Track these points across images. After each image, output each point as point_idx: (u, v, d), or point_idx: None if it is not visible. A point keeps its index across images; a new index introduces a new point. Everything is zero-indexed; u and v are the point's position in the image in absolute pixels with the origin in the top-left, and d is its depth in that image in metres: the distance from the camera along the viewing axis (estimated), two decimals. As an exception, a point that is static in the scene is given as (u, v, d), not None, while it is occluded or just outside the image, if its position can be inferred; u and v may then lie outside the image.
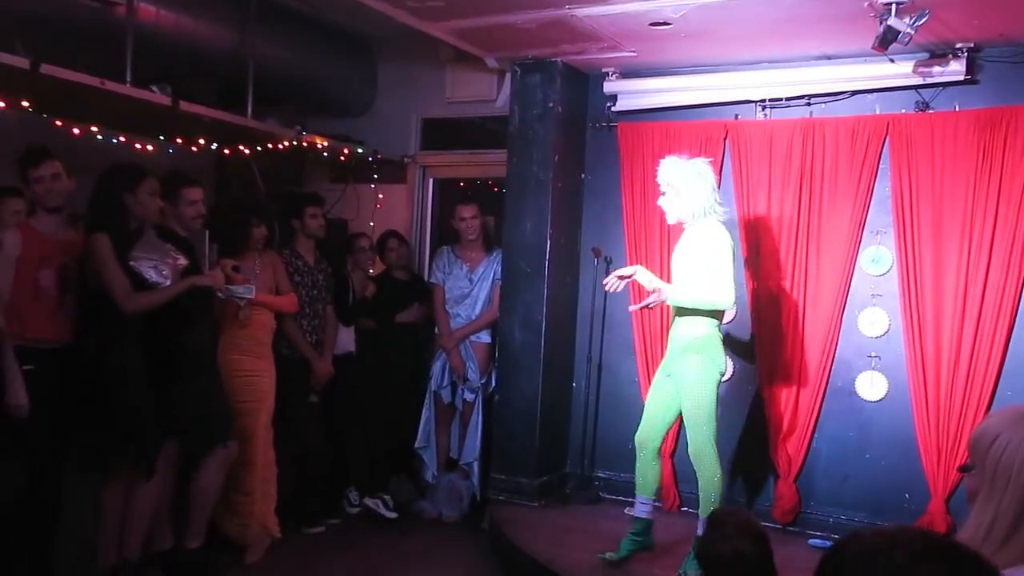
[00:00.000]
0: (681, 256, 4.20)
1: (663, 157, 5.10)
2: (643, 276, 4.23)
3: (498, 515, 5.00)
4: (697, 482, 4.14)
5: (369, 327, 5.53)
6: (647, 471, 4.29)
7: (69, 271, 3.85)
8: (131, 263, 3.86)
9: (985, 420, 1.67)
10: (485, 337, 5.54)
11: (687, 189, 4.07)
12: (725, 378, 4.29)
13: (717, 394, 4.12)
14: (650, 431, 4.28)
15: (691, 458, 4.16)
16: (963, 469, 1.66)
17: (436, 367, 5.51)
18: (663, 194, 4.18)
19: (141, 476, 3.99)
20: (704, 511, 4.04)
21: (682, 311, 4.15)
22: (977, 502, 1.57)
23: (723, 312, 4.20)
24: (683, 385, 4.12)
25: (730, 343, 5.09)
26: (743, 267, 5.01)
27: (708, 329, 4.11)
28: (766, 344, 4.93)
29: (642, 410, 5.26)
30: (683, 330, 4.16)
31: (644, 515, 4.32)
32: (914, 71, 4.52)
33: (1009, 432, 1.54)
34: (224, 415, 4.28)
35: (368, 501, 5.38)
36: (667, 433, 4.37)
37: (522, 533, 4.69)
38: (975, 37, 4.35)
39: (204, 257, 4.25)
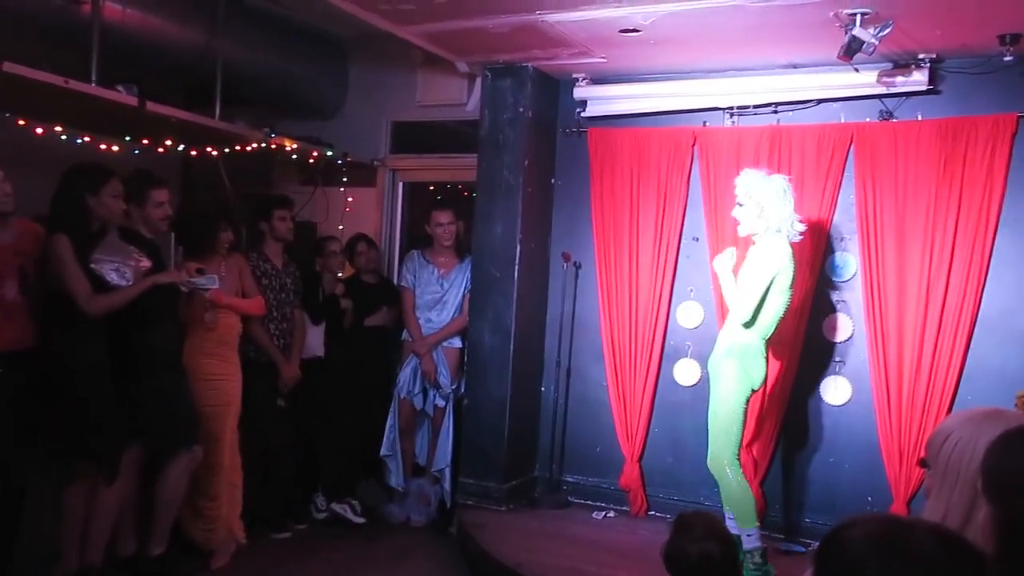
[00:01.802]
0: (742, 272, 4.19)
1: (624, 167, 5.21)
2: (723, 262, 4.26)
3: (466, 520, 5.00)
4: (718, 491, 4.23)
5: (348, 322, 5.49)
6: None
7: (28, 275, 3.79)
8: (92, 265, 3.80)
9: (942, 422, 1.72)
10: (456, 342, 5.53)
11: (771, 206, 4.06)
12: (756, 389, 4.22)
13: (745, 406, 4.11)
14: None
15: (711, 468, 4.16)
16: (921, 463, 1.72)
17: (405, 373, 5.48)
18: (740, 205, 4.17)
19: (104, 479, 3.93)
20: (741, 522, 4.03)
21: (730, 316, 4.17)
22: (931, 497, 1.63)
23: (773, 325, 4.14)
24: (713, 389, 4.19)
25: (699, 349, 5.17)
26: (709, 272, 5.05)
27: (751, 338, 4.09)
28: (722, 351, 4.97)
29: (609, 414, 5.34)
30: (727, 333, 4.20)
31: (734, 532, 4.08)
32: (878, 81, 4.60)
33: (960, 431, 1.60)
34: (190, 418, 4.24)
35: (336, 506, 5.35)
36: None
37: (490, 538, 4.69)
38: (937, 48, 4.43)
39: (170, 259, 4.21)
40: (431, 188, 6.66)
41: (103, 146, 5.21)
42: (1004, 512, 1.38)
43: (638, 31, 4.40)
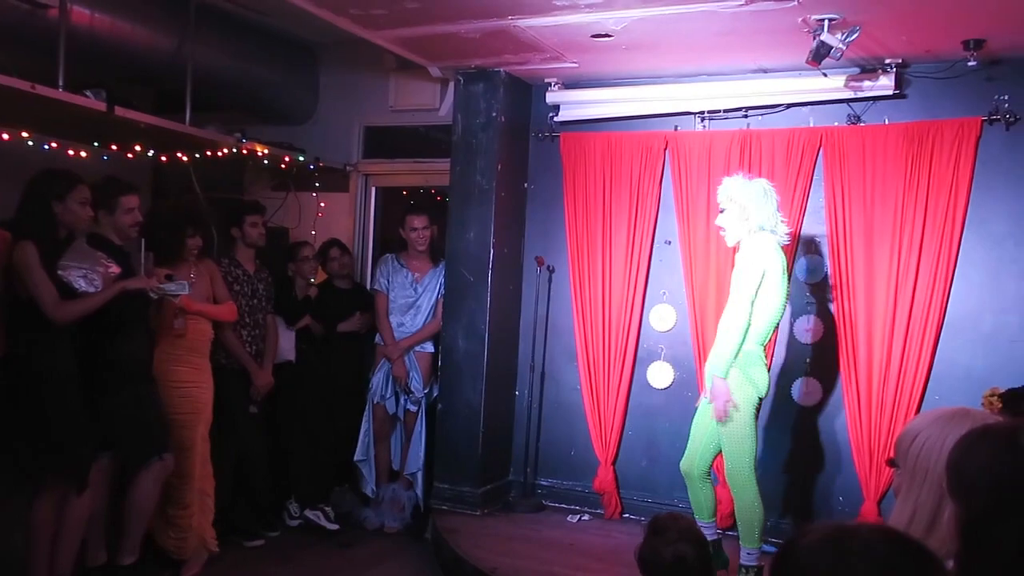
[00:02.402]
0: (734, 276, 4.08)
1: (597, 171, 5.23)
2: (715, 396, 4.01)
3: (441, 524, 4.99)
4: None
5: (317, 331, 5.47)
6: (698, 495, 4.22)
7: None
8: (59, 271, 3.74)
9: (911, 421, 1.75)
10: (429, 347, 5.52)
11: (753, 207, 3.98)
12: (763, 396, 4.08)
13: (755, 415, 4.02)
14: (693, 457, 4.20)
15: (729, 483, 4.10)
16: (890, 463, 1.74)
17: (378, 378, 5.46)
18: (722, 211, 4.10)
19: (73, 489, 3.87)
20: (745, 539, 4.02)
21: (724, 325, 4.01)
22: (900, 496, 1.65)
23: (768, 330, 4.05)
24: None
25: (672, 351, 5.20)
26: (681, 276, 5.10)
27: (749, 345, 3.99)
28: (705, 352, 5.00)
29: (584, 418, 5.36)
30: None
31: (709, 537, 3.94)
32: (846, 85, 4.66)
33: (928, 430, 1.63)
34: (160, 426, 4.20)
35: (309, 513, 5.32)
36: (714, 457, 4.19)
37: (465, 542, 4.68)
38: (903, 53, 4.50)
39: (140, 266, 4.16)
40: (404, 193, 6.65)
41: (71, 152, 5.14)
42: (964, 510, 1.41)
43: (610, 36, 4.43)
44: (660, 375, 5.24)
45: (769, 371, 4.16)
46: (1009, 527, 1.34)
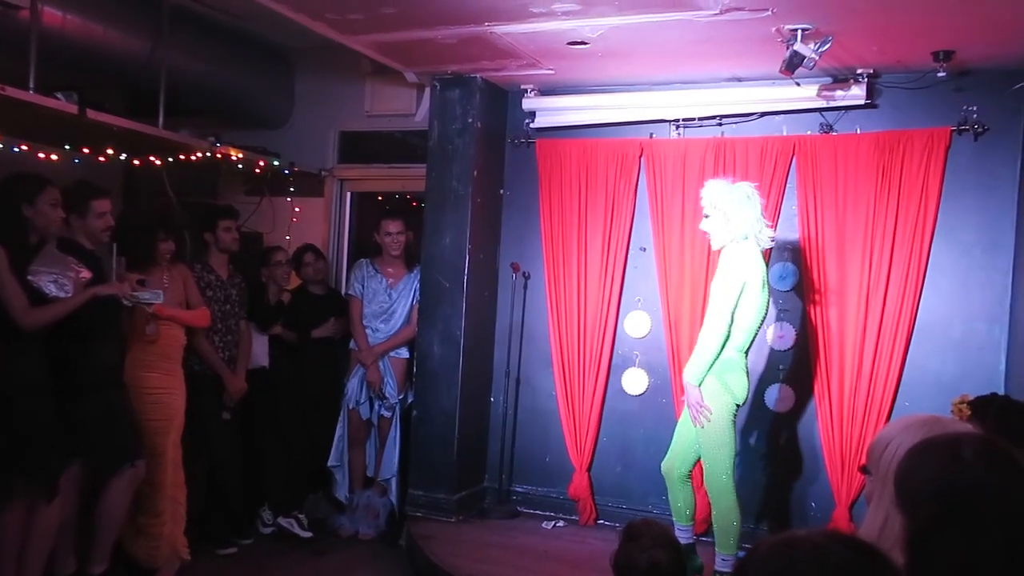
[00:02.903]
0: (714, 282, 4.13)
1: (572, 178, 5.24)
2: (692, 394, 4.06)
3: (416, 531, 4.97)
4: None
5: (289, 339, 5.43)
6: (677, 497, 4.25)
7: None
8: (29, 277, 3.69)
9: (883, 428, 1.77)
10: (404, 352, 5.50)
11: (736, 213, 3.99)
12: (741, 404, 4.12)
13: (733, 421, 4.05)
14: (673, 459, 4.23)
15: (707, 489, 4.13)
16: (862, 470, 1.76)
17: (352, 384, 5.44)
18: (706, 217, 4.10)
19: (43, 497, 3.81)
20: (720, 545, 4.05)
21: (704, 333, 4.06)
22: (872, 503, 1.67)
23: (749, 337, 4.07)
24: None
25: (646, 358, 5.22)
26: (656, 283, 5.13)
27: (729, 352, 4.02)
28: (680, 358, 5.03)
29: (559, 424, 5.37)
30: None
31: (686, 540, 4.16)
32: (818, 95, 4.71)
33: (899, 438, 1.65)
34: (132, 433, 4.14)
35: (282, 520, 5.28)
36: (695, 461, 4.21)
37: (440, 549, 4.67)
38: (875, 63, 4.56)
39: (111, 270, 4.11)
40: (380, 198, 6.63)
41: (42, 155, 5.09)
42: (910, 521, 1.43)
43: (586, 44, 4.45)
44: (635, 381, 5.26)
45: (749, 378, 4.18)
46: (951, 539, 1.36)
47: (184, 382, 4.54)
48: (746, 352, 4.10)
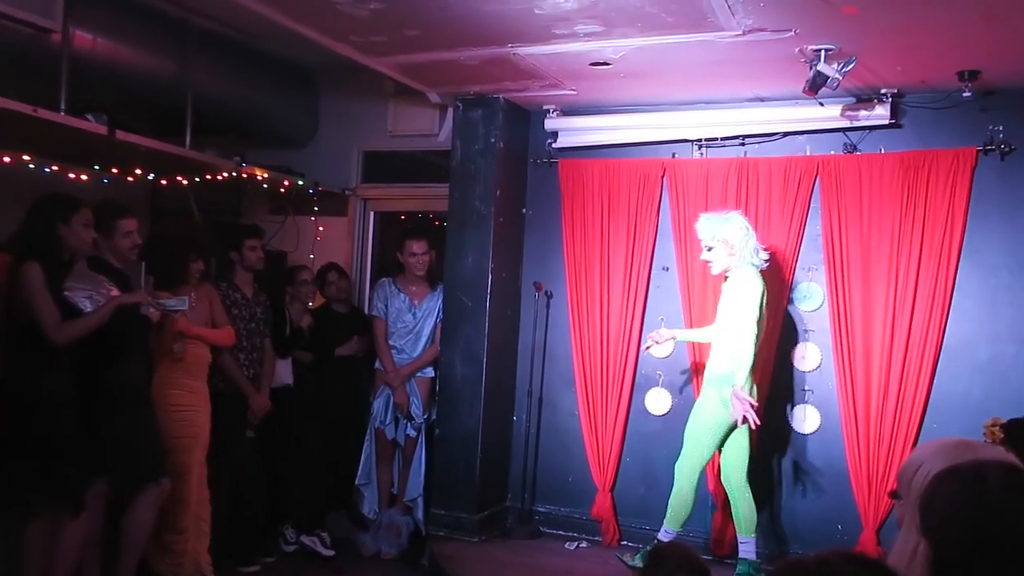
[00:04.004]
0: (722, 306, 4.51)
1: (595, 198, 5.33)
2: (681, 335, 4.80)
3: (438, 551, 4.95)
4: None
5: (305, 360, 5.46)
6: (739, 505, 4.49)
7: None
8: (65, 293, 3.75)
9: (913, 451, 1.75)
10: (429, 371, 5.49)
11: (739, 243, 4.36)
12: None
13: (719, 432, 4.40)
14: (728, 470, 4.54)
15: (675, 469, 4.53)
16: (892, 495, 1.74)
17: (378, 404, 5.42)
18: (709, 249, 4.44)
19: (68, 512, 3.84)
20: (669, 521, 4.53)
21: (713, 348, 4.49)
22: (902, 529, 1.65)
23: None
24: (695, 412, 4.54)
25: (669, 378, 5.20)
26: (686, 306, 5.11)
27: (728, 368, 4.34)
28: (703, 378, 5.01)
29: (581, 444, 5.35)
30: (710, 364, 4.49)
31: (747, 555, 4.46)
32: (842, 115, 4.71)
33: (930, 462, 1.62)
34: (157, 451, 4.17)
35: (305, 539, 5.28)
36: (745, 464, 4.51)
37: (462, 569, 4.66)
38: (899, 83, 4.55)
39: (139, 288, 4.16)
40: (402, 217, 6.66)
41: (71, 175, 5.15)
42: (934, 549, 1.41)
43: (608, 64, 4.47)
44: (658, 402, 5.23)
45: (754, 394, 4.38)
46: (977, 567, 1.34)
47: (209, 400, 4.57)
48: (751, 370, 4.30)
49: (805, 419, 4.88)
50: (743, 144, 5.07)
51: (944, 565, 1.38)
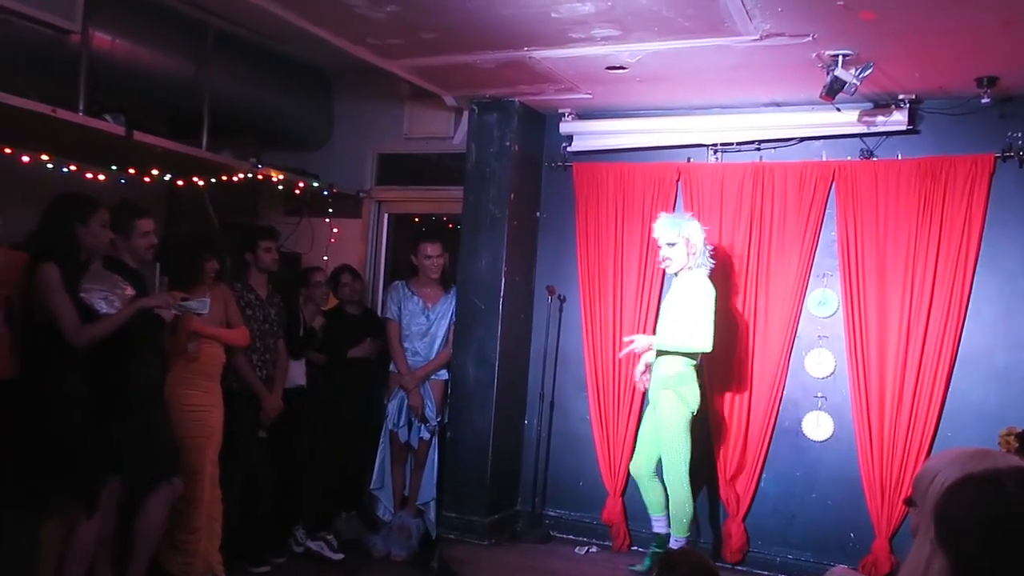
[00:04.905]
0: (674, 301, 4.62)
1: (609, 202, 5.37)
2: (637, 339, 4.72)
3: (448, 554, 4.95)
4: (663, 505, 4.71)
5: (318, 361, 5.47)
6: (650, 493, 4.76)
7: (12, 302, 3.75)
8: (82, 294, 3.77)
9: (929, 459, 1.73)
10: (443, 374, 5.48)
11: (699, 244, 4.57)
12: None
13: (688, 427, 4.57)
14: (641, 461, 4.79)
15: (666, 482, 4.65)
16: (907, 502, 1.72)
17: (392, 406, 5.42)
18: (671, 245, 4.58)
19: (82, 512, 3.86)
20: (676, 529, 4.62)
21: (662, 351, 4.62)
22: (918, 537, 1.63)
23: (700, 353, 4.62)
24: (658, 418, 4.64)
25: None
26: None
27: (682, 368, 4.57)
28: (716, 383, 5.00)
29: (593, 448, 5.34)
30: (662, 368, 4.59)
31: (661, 530, 4.75)
32: (859, 120, 4.68)
33: (947, 471, 1.61)
34: (170, 450, 4.18)
35: (311, 544, 5.25)
36: (658, 459, 4.71)
37: (472, 572, 4.66)
38: (916, 89, 4.53)
39: (155, 289, 4.18)
40: (416, 220, 6.67)
41: (89, 175, 5.18)
42: (953, 559, 1.40)
43: (624, 68, 4.47)
44: (670, 406, 5.21)
45: (701, 388, 4.66)
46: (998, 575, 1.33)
47: (223, 400, 4.58)
48: (697, 366, 4.63)
49: (818, 426, 4.85)
50: (759, 149, 5.06)
51: (963, 575, 1.36)
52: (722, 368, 4.98)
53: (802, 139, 4.95)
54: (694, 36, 3.95)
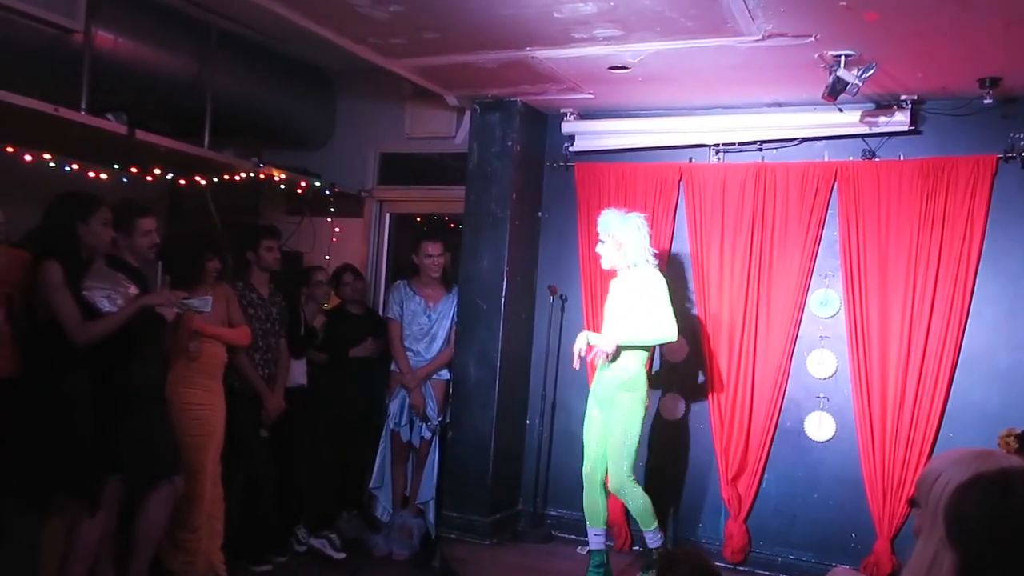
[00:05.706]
0: (618, 300, 4.49)
1: (611, 201, 5.34)
2: (592, 338, 4.49)
3: (449, 553, 4.94)
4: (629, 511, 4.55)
5: (320, 361, 5.47)
6: (596, 503, 4.54)
7: (14, 300, 3.75)
8: (84, 292, 3.76)
9: (932, 460, 1.74)
10: (444, 374, 5.48)
11: (627, 241, 4.42)
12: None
13: (642, 429, 4.43)
14: (596, 463, 4.53)
15: (614, 491, 4.44)
16: (910, 503, 1.73)
17: (394, 405, 5.42)
18: (602, 242, 4.50)
19: (84, 511, 3.86)
20: (645, 525, 4.45)
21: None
22: (920, 538, 1.63)
23: (651, 349, 4.59)
24: (613, 420, 4.40)
25: (682, 383, 5.18)
26: (695, 307, 5.10)
27: (639, 367, 4.42)
28: (717, 384, 5.00)
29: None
30: (619, 368, 4.40)
31: (599, 547, 4.50)
32: (861, 120, 4.68)
33: (950, 471, 1.61)
34: (171, 449, 4.18)
35: (314, 541, 5.26)
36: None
37: (473, 572, 4.67)
38: (919, 90, 4.53)
39: (156, 287, 4.18)
40: (418, 219, 6.67)
41: (91, 174, 5.19)
42: (961, 558, 1.40)
43: (627, 68, 4.47)
44: (672, 406, 5.21)
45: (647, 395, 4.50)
46: (1004, 574, 1.33)
47: (224, 399, 4.58)
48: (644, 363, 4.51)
49: (820, 426, 4.85)
50: (761, 149, 5.06)
51: (971, 573, 1.36)
52: (722, 369, 4.98)
53: (804, 139, 4.95)
54: (696, 36, 3.95)
